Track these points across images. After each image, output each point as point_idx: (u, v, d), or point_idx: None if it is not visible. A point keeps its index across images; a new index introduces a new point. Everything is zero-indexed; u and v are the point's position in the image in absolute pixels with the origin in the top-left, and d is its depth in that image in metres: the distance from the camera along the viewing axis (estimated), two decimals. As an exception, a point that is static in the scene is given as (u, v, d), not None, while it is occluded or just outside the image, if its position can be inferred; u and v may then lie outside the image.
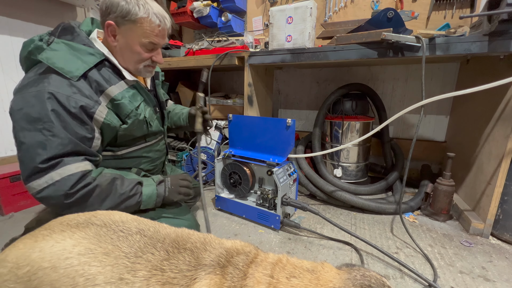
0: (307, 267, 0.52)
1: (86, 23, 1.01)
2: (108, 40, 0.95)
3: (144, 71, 1.03)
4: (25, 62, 0.92)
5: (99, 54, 0.91)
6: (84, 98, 0.85)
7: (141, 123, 1.03)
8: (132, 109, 0.98)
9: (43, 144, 0.78)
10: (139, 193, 0.94)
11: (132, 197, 0.92)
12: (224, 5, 2.21)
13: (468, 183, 1.48)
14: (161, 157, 1.25)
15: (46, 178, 0.78)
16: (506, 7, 1.01)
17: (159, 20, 0.94)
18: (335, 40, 1.46)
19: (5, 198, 1.47)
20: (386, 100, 2.04)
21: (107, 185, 0.86)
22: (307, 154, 1.62)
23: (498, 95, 1.25)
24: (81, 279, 0.47)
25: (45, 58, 0.83)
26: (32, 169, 0.78)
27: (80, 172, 0.82)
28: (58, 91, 0.81)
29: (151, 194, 0.97)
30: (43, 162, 0.78)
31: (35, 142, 0.78)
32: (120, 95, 0.95)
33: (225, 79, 2.68)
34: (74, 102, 0.82)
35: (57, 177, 0.79)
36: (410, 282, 0.98)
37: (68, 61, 0.85)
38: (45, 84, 0.81)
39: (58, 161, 0.79)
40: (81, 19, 2.13)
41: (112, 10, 0.89)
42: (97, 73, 0.90)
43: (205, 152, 1.93)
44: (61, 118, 0.81)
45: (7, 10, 1.71)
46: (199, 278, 0.50)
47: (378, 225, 1.38)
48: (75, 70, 0.85)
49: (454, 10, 1.69)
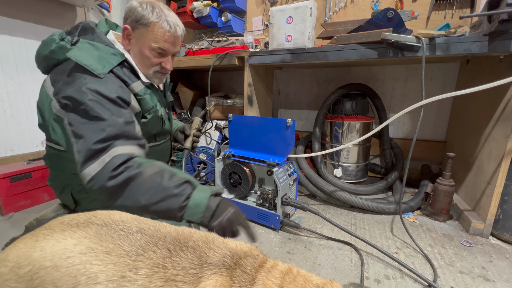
0: (317, 283, 0.51)
1: (102, 24, 1.04)
2: (124, 44, 0.99)
3: (154, 76, 1.04)
4: (45, 61, 0.94)
5: (120, 54, 0.94)
6: (119, 88, 0.88)
7: (158, 120, 1.07)
8: (152, 105, 1.02)
9: (93, 130, 0.79)
10: (186, 195, 0.75)
11: (177, 196, 0.74)
12: (224, 5, 2.21)
13: (468, 183, 1.48)
14: (165, 158, 1.27)
15: (99, 161, 0.76)
16: (506, 7, 1.01)
17: (169, 26, 0.96)
18: (335, 40, 1.46)
19: (5, 198, 1.47)
20: (386, 100, 2.04)
21: (152, 174, 0.76)
22: (307, 154, 1.62)
23: (498, 95, 1.25)
24: (83, 278, 0.47)
25: (73, 56, 0.85)
26: (86, 152, 0.76)
27: (127, 154, 0.78)
28: (95, 85, 0.83)
29: (200, 203, 0.75)
30: (95, 143, 0.77)
31: (87, 130, 0.79)
32: (142, 91, 0.99)
33: (225, 79, 2.68)
34: (113, 91, 0.85)
35: (107, 158, 0.76)
36: (410, 282, 0.98)
37: (95, 60, 0.87)
38: (82, 81, 0.83)
39: (109, 144, 0.78)
40: (81, 19, 2.13)
41: (129, 15, 0.93)
42: (120, 71, 0.94)
43: (205, 152, 1.93)
44: (105, 106, 0.82)
45: (7, 10, 1.71)
46: (204, 277, 0.50)
47: (378, 225, 1.38)
48: (102, 67, 0.87)
49: (454, 10, 1.69)
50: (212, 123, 2.03)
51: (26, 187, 1.55)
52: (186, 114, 2.29)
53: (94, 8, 2.18)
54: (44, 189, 1.65)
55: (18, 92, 1.82)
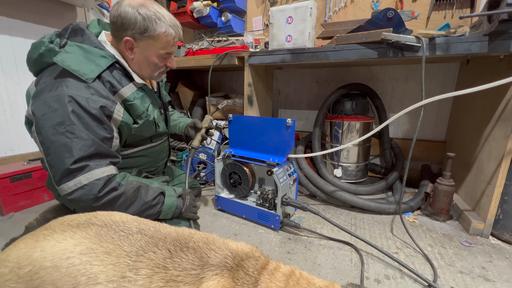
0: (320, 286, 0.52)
1: (94, 25, 1.03)
2: (125, 54, 0.98)
3: (157, 77, 1.08)
4: (35, 64, 0.93)
5: (110, 56, 0.93)
6: (102, 99, 0.87)
7: (151, 124, 1.06)
8: (143, 110, 1.01)
9: (68, 147, 0.80)
10: (161, 203, 0.97)
11: (154, 206, 0.95)
12: (224, 5, 2.21)
13: (468, 183, 1.48)
14: (163, 158, 1.26)
15: (75, 181, 0.81)
16: (506, 7, 1.01)
17: (174, 32, 0.98)
18: (335, 40, 1.46)
19: (5, 198, 1.47)
20: (386, 100, 2.04)
21: (132, 192, 0.90)
22: (307, 154, 1.62)
23: (498, 95, 1.25)
24: (83, 278, 0.47)
25: (60, 61, 0.84)
26: (62, 172, 0.80)
27: (106, 176, 0.85)
28: (77, 94, 0.82)
29: (171, 205, 1.00)
30: (70, 164, 0.80)
31: (61, 145, 0.80)
32: (132, 96, 0.97)
33: (225, 79, 2.68)
34: (94, 103, 0.84)
35: (84, 181, 0.81)
36: (410, 282, 0.98)
37: (83, 64, 0.86)
38: (63, 88, 0.82)
39: (84, 165, 0.81)
40: (81, 19, 2.13)
41: (130, 27, 0.92)
42: (109, 74, 0.92)
43: (205, 152, 1.93)
44: (82, 120, 0.82)
45: (7, 10, 1.71)
46: (206, 278, 0.50)
47: (378, 225, 1.38)
48: (90, 72, 0.86)
49: (454, 10, 1.69)
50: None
51: (26, 187, 1.55)
52: (186, 114, 2.29)
53: (94, 8, 2.18)
54: (44, 189, 1.65)
55: (18, 92, 1.82)
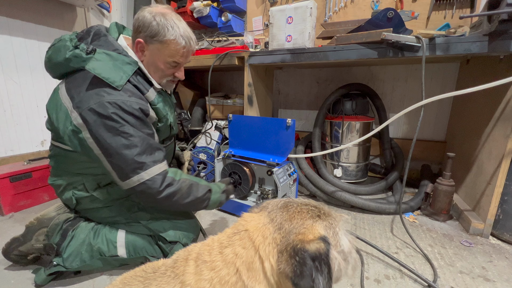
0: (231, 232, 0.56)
1: (113, 29, 1.05)
2: (136, 55, 1.00)
3: (166, 84, 1.09)
4: (60, 67, 0.94)
5: (134, 63, 0.96)
6: (139, 100, 0.93)
7: (167, 127, 1.11)
8: (165, 114, 1.06)
9: (126, 146, 0.87)
10: (208, 199, 1.06)
11: (203, 201, 1.04)
12: (224, 5, 2.21)
13: (468, 183, 1.48)
14: (169, 158, 1.28)
15: (138, 177, 0.89)
16: (506, 7, 1.01)
17: (184, 42, 0.99)
18: (335, 40, 1.46)
19: (5, 198, 1.48)
20: (386, 100, 2.04)
21: (186, 189, 0.98)
22: (307, 154, 1.62)
23: (498, 95, 1.25)
24: None
25: (91, 69, 0.88)
26: (126, 168, 0.88)
27: (163, 171, 0.94)
28: (117, 98, 0.87)
29: (216, 201, 1.08)
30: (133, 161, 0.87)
31: (121, 145, 0.87)
32: (156, 100, 1.02)
33: (225, 79, 2.68)
34: (134, 104, 0.90)
35: (146, 177, 0.89)
36: (410, 282, 0.98)
37: (112, 71, 0.89)
38: (103, 96, 0.86)
39: (144, 161, 0.89)
40: (81, 19, 2.13)
41: (143, 29, 0.94)
42: (135, 79, 0.96)
43: (205, 152, 1.93)
44: (129, 121, 0.88)
45: (7, 10, 1.71)
46: None
47: (378, 225, 1.38)
48: (119, 79, 0.90)
49: (454, 10, 1.69)
50: (212, 123, 2.03)
51: (26, 187, 1.55)
52: (186, 114, 2.29)
53: (94, 8, 2.18)
54: (44, 189, 1.65)
55: (18, 92, 1.82)
